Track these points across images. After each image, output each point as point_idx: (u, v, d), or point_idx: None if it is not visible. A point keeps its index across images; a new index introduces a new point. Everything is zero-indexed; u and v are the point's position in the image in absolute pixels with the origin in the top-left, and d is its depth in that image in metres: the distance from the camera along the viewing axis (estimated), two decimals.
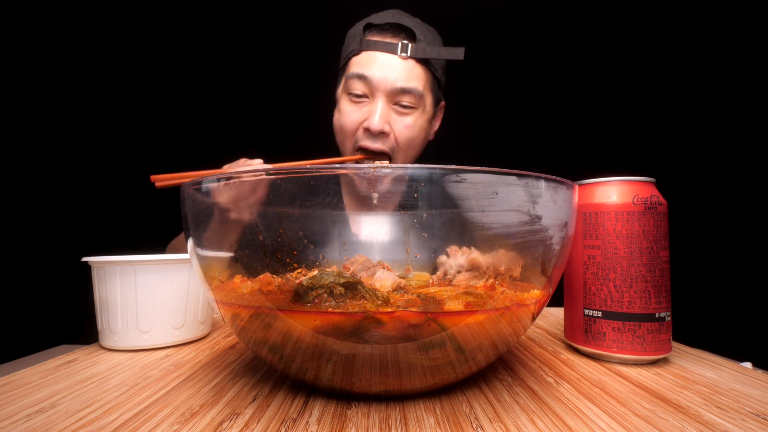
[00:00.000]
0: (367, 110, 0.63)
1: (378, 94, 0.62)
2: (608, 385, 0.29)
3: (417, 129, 0.65)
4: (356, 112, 0.63)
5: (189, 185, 0.28)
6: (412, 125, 0.64)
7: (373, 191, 0.23)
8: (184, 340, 0.41)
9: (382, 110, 0.61)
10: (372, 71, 0.61)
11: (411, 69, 0.62)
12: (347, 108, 0.64)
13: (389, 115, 0.62)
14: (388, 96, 0.62)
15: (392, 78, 0.61)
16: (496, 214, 0.26)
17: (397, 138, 0.63)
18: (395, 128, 0.63)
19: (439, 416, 0.24)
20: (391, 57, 0.61)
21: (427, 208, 0.25)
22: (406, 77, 0.61)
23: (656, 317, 0.33)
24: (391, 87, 0.61)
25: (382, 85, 0.61)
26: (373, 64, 0.61)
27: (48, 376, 0.32)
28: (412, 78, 0.62)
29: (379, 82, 0.61)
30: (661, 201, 0.34)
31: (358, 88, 0.62)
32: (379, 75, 0.61)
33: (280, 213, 0.26)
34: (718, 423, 0.23)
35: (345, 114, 0.64)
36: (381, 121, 0.61)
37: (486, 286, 0.28)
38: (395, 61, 0.61)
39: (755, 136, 1.25)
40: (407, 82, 0.61)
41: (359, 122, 0.63)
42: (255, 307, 0.25)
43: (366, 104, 0.63)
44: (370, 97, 0.63)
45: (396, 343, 0.23)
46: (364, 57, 0.62)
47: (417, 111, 0.64)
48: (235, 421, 0.23)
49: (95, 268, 0.39)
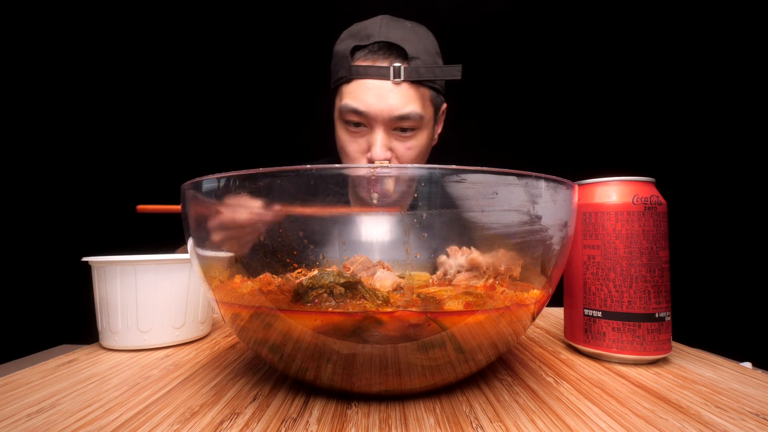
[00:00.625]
0: (365, 140, 0.61)
1: (376, 124, 0.59)
2: (608, 385, 0.29)
3: (420, 148, 0.63)
4: (355, 143, 0.61)
5: (189, 185, 0.28)
6: (415, 146, 0.62)
7: (373, 191, 0.23)
8: (185, 340, 0.41)
9: (381, 140, 0.59)
10: (366, 104, 0.58)
11: (407, 93, 0.58)
12: (346, 138, 0.62)
13: (390, 142, 0.60)
14: (385, 125, 0.59)
15: (387, 107, 0.57)
16: (496, 214, 0.26)
17: (400, 160, 0.61)
18: (398, 152, 0.61)
19: (439, 416, 0.24)
20: (384, 83, 0.57)
21: (427, 208, 0.25)
22: (403, 103, 0.58)
23: (656, 317, 0.33)
24: (388, 116, 0.58)
25: (380, 116, 0.58)
26: (366, 95, 0.57)
27: (48, 376, 0.32)
28: (410, 102, 0.58)
29: (375, 114, 0.58)
30: (661, 201, 0.34)
31: (354, 119, 0.60)
32: (375, 107, 0.57)
33: (280, 213, 0.26)
34: (718, 423, 0.23)
35: (344, 143, 0.62)
36: (382, 151, 0.59)
37: (486, 286, 0.28)
38: (389, 86, 0.57)
39: (755, 136, 1.25)
40: (405, 108, 0.58)
41: (361, 152, 0.61)
42: (255, 307, 0.25)
43: (364, 133, 0.61)
44: (367, 126, 0.60)
45: (396, 342, 0.23)
46: (354, 86, 0.58)
47: (418, 131, 0.61)
48: (235, 421, 0.23)
49: (95, 268, 0.39)
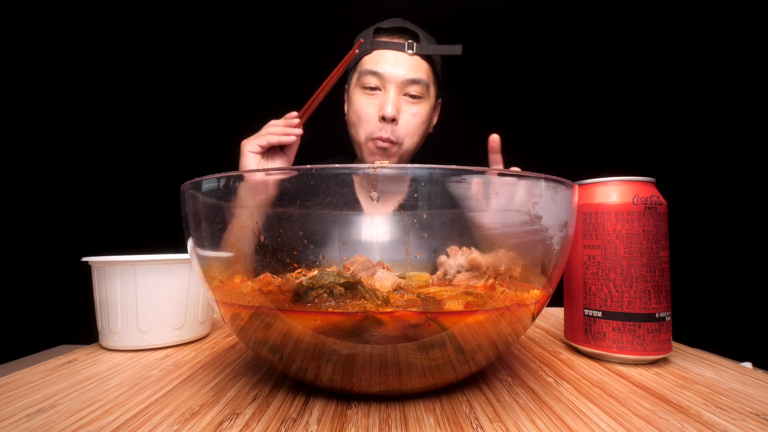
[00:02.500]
0: (379, 101, 0.71)
1: (389, 86, 0.70)
2: (608, 385, 0.29)
3: (422, 117, 0.73)
4: (370, 104, 0.72)
5: (189, 185, 0.28)
6: (419, 113, 0.73)
7: (374, 191, 0.23)
8: (184, 340, 0.41)
9: (394, 99, 0.70)
10: (383, 67, 0.70)
11: (417, 63, 0.71)
12: (362, 100, 0.72)
13: (400, 103, 0.71)
14: (398, 87, 0.70)
15: (401, 71, 0.70)
16: (496, 214, 0.26)
17: (405, 125, 0.72)
18: (403, 116, 0.71)
19: (439, 416, 0.24)
20: (399, 54, 0.71)
21: (427, 208, 0.25)
22: (413, 70, 0.70)
23: (656, 317, 0.33)
24: (401, 79, 0.70)
25: (393, 78, 0.70)
26: (384, 61, 0.70)
27: (48, 376, 0.32)
28: (419, 70, 0.71)
29: (390, 75, 0.70)
30: (661, 201, 0.34)
31: (372, 82, 0.71)
32: (390, 70, 0.70)
33: (280, 213, 0.26)
34: (718, 423, 0.23)
35: (360, 105, 0.73)
36: (393, 108, 0.69)
37: (486, 286, 0.28)
38: (403, 57, 0.71)
39: (755, 136, 1.25)
40: (415, 74, 0.70)
41: (374, 112, 0.72)
42: (255, 307, 0.25)
43: (378, 96, 0.72)
44: (382, 90, 0.71)
45: (396, 343, 0.23)
46: (375, 55, 0.71)
47: (423, 100, 0.73)
48: (235, 421, 0.23)
49: (95, 268, 0.39)
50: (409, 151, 0.75)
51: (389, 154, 0.73)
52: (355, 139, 0.75)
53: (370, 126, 0.71)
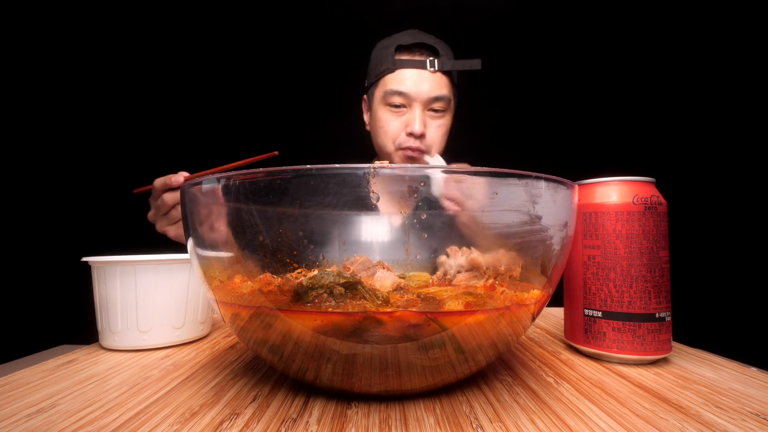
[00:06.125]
0: (405, 118, 0.75)
1: (415, 104, 0.74)
2: (608, 385, 0.29)
3: (446, 128, 0.78)
4: (396, 121, 0.76)
5: (189, 185, 0.28)
6: (443, 124, 0.77)
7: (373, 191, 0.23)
8: (184, 340, 0.41)
9: (420, 117, 0.74)
10: (408, 87, 0.73)
11: (439, 80, 0.74)
12: (388, 117, 0.76)
13: (425, 119, 0.75)
14: (423, 104, 0.74)
15: (425, 90, 0.73)
16: (496, 214, 0.26)
17: (431, 137, 0.76)
18: (430, 130, 0.76)
19: (439, 416, 0.24)
20: (422, 72, 0.73)
21: (427, 208, 0.25)
22: (437, 87, 0.74)
23: (656, 317, 0.33)
24: (426, 97, 0.73)
25: (419, 97, 0.73)
26: (408, 80, 0.73)
27: (48, 376, 0.32)
28: (442, 87, 0.74)
29: (416, 94, 0.73)
30: (661, 201, 0.34)
31: (397, 101, 0.74)
32: (415, 89, 0.73)
33: (280, 213, 0.26)
34: (718, 423, 0.23)
35: (386, 121, 0.77)
36: (421, 125, 0.73)
37: (486, 286, 0.28)
38: (426, 74, 0.73)
39: (755, 136, 1.25)
40: (439, 91, 0.74)
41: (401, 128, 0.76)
42: (255, 307, 0.25)
43: (404, 113, 0.75)
44: (407, 107, 0.75)
45: (396, 343, 0.23)
46: (398, 74, 0.74)
47: (447, 113, 0.77)
48: (235, 421, 0.23)
49: (95, 268, 0.39)
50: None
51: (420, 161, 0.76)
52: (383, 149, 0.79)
53: (399, 139, 0.75)
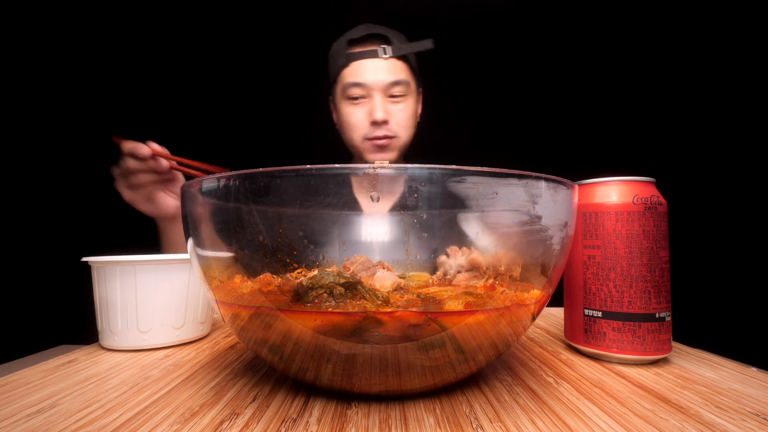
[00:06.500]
0: (367, 108, 0.76)
1: (374, 93, 0.75)
2: (608, 385, 0.29)
3: (410, 111, 0.79)
4: (359, 112, 0.77)
5: (189, 185, 0.28)
6: (405, 108, 0.78)
7: (374, 191, 0.23)
8: (184, 340, 0.41)
9: (380, 104, 0.75)
10: (364, 77, 0.74)
11: (394, 65, 0.75)
12: (350, 110, 0.78)
13: (387, 106, 0.76)
14: (382, 91, 0.75)
15: (382, 77, 0.74)
16: (496, 214, 0.26)
17: (396, 122, 0.77)
18: (393, 115, 0.76)
19: (439, 416, 0.24)
20: (376, 61, 0.75)
21: (427, 209, 0.25)
22: (392, 72, 0.75)
23: (656, 317, 0.33)
24: (383, 83, 0.74)
25: (377, 85, 0.74)
26: (363, 71, 0.75)
27: (48, 376, 0.32)
28: (398, 71, 0.76)
29: (373, 83, 0.74)
30: (661, 201, 0.34)
31: (356, 93, 0.76)
32: (371, 78, 0.74)
33: (280, 213, 0.26)
34: (718, 423, 0.23)
35: (349, 115, 0.78)
36: (382, 112, 0.74)
37: (486, 286, 0.28)
38: (380, 62, 0.75)
39: (755, 136, 1.25)
40: (395, 76, 0.75)
41: (364, 119, 0.77)
42: (255, 307, 0.25)
43: (365, 103, 0.76)
44: (367, 97, 0.76)
45: (396, 343, 0.23)
46: (354, 67, 0.75)
47: (407, 96, 0.78)
48: (235, 421, 0.23)
49: (95, 268, 0.39)
50: (407, 143, 0.80)
51: (390, 148, 0.77)
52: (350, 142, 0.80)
53: (364, 129, 0.77)
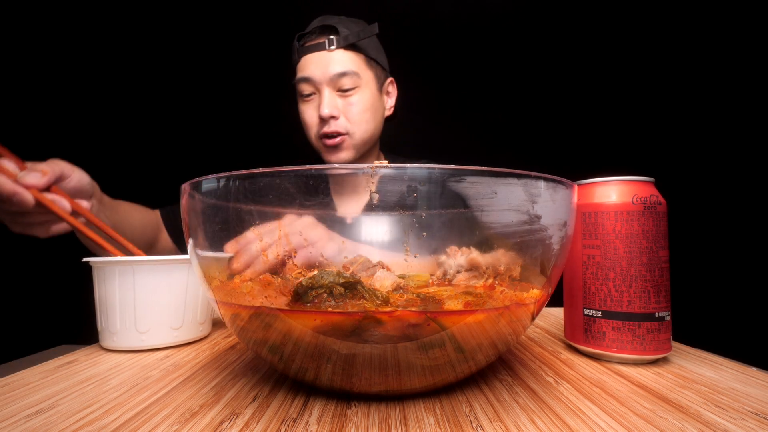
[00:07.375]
0: (317, 104, 0.73)
1: (322, 87, 0.72)
2: (608, 384, 0.29)
3: (362, 105, 0.74)
4: (310, 109, 0.75)
5: (189, 185, 0.28)
6: (358, 101, 0.73)
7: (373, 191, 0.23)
8: (183, 341, 0.41)
9: (327, 98, 0.71)
10: (311, 71, 0.72)
11: (341, 57, 0.71)
12: (302, 108, 0.76)
13: (335, 100, 0.72)
14: (330, 85, 0.72)
15: (327, 69, 0.71)
16: (495, 213, 0.26)
17: (348, 117, 0.73)
18: (344, 110, 0.73)
19: (439, 416, 0.24)
20: (321, 54, 0.71)
21: (426, 208, 0.25)
22: (339, 64, 0.71)
23: (656, 317, 0.33)
24: (329, 76, 0.71)
25: (323, 78, 0.71)
26: (310, 65, 0.72)
27: (48, 376, 0.32)
28: (344, 62, 0.71)
29: (319, 77, 0.71)
30: (661, 201, 0.34)
31: (306, 89, 0.73)
32: (317, 72, 0.71)
33: (280, 213, 0.26)
34: (718, 422, 0.23)
35: (303, 112, 0.76)
36: (327, 107, 0.71)
37: (485, 285, 0.28)
38: (326, 55, 0.71)
39: (755, 136, 1.25)
40: (341, 67, 0.71)
41: (315, 115, 0.74)
42: (255, 307, 0.25)
43: (315, 99, 0.74)
44: (317, 93, 0.73)
45: (396, 342, 0.23)
46: (303, 62, 0.73)
47: (359, 89, 0.73)
48: (235, 421, 0.23)
49: (95, 268, 0.39)
50: (365, 139, 0.75)
51: (344, 147, 0.74)
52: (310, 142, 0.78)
53: (316, 127, 0.74)
